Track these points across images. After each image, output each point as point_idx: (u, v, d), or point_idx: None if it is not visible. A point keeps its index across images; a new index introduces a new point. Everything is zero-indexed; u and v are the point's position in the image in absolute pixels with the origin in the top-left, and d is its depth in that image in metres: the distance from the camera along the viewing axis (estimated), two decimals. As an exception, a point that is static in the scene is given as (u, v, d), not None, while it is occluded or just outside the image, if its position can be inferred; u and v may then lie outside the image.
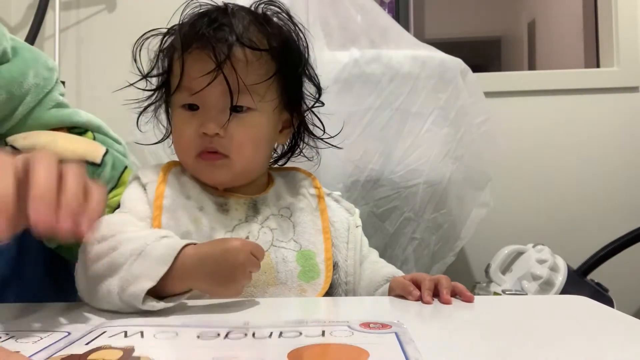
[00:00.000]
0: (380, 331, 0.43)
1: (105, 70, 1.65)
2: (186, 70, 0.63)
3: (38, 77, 0.75)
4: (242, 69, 0.62)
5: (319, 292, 0.65)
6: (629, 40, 1.72)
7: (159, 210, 0.64)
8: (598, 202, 1.70)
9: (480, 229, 1.35)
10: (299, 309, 0.59)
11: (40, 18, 1.65)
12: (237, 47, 0.62)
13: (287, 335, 0.42)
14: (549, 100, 1.73)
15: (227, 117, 0.63)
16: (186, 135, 0.65)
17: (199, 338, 0.42)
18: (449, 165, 1.24)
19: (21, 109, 0.74)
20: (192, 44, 0.63)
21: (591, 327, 0.50)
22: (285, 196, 0.71)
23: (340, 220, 0.72)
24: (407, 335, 0.41)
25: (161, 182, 0.67)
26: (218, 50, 0.61)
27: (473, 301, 0.58)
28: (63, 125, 0.79)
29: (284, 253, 0.66)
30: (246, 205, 0.68)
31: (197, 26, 0.63)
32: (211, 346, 0.40)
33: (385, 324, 0.45)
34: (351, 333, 0.42)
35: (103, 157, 0.74)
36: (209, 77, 0.61)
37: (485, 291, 1.35)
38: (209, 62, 0.61)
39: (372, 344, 0.39)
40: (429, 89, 1.22)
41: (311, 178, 0.75)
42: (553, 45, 3.27)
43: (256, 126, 0.66)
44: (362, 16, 1.28)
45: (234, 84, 0.62)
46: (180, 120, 0.66)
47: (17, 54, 0.74)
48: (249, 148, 0.65)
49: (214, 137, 0.63)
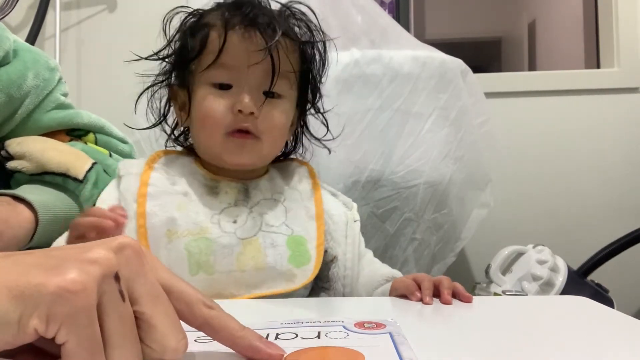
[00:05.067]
0: (375, 332, 0.43)
1: (106, 71, 1.65)
2: (228, 48, 0.64)
3: (38, 78, 0.74)
4: (283, 55, 0.65)
5: (308, 278, 0.65)
6: (629, 40, 1.72)
7: (142, 198, 0.64)
8: (598, 203, 1.70)
9: (481, 230, 1.35)
10: (294, 308, 0.58)
11: (41, 18, 1.65)
12: (280, 34, 0.64)
13: (284, 337, 0.42)
14: (549, 101, 1.73)
15: (262, 99, 0.64)
16: (218, 112, 0.65)
17: (196, 342, 0.41)
18: (450, 165, 1.24)
19: (21, 111, 0.73)
20: (237, 23, 0.64)
21: (591, 327, 0.50)
22: (279, 181, 0.71)
23: (338, 213, 0.72)
24: (400, 335, 0.41)
25: (146, 170, 0.67)
26: (268, 32, 0.63)
27: (471, 301, 0.58)
28: (63, 127, 0.78)
29: (274, 237, 0.65)
30: (237, 189, 0.68)
31: (242, 7, 0.65)
32: (207, 348, 0.40)
33: (379, 323, 0.45)
34: (346, 334, 0.42)
35: (86, 173, 0.73)
36: (255, 57, 0.62)
37: (485, 292, 1.35)
38: (256, 43, 0.63)
39: (367, 346, 0.39)
40: (430, 90, 1.22)
41: (307, 166, 0.75)
42: (553, 46, 3.27)
43: (285, 113, 0.68)
44: (362, 17, 1.28)
45: (275, 67, 0.64)
46: (210, 97, 0.65)
47: (16, 55, 0.73)
48: (278, 133, 0.68)
49: (249, 117, 0.64)
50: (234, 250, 0.63)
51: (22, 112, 0.73)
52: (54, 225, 0.64)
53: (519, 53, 3.73)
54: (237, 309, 0.54)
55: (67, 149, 0.74)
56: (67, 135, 0.79)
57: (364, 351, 0.38)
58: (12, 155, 0.70)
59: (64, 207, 0.68)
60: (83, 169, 0.72)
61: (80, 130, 0.80)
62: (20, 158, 0.70)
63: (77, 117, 0.79)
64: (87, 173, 0.73)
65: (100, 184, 0.74)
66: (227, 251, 0.63)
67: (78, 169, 0.72)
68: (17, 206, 0.61)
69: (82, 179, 0.72)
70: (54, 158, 0.71)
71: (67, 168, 0.71)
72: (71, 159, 0.72)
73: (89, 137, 0.81)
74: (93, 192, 0.73)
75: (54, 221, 0.64)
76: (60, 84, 0.79)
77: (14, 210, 0.60)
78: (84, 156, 0.74)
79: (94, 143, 0.81)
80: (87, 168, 0.73)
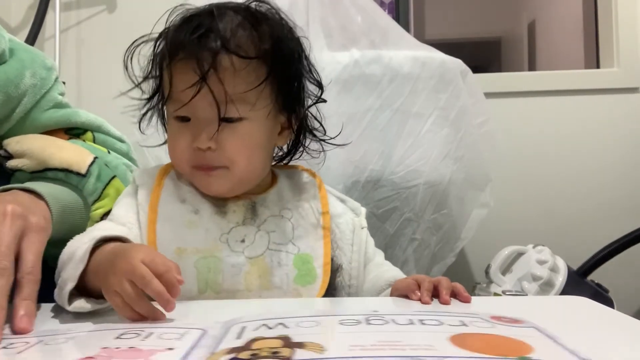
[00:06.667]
0: (520, 325, 0.44)
1: (106, 71, 1.65)
2: (173, 82, 0.61)
3: (35, 77, 0.74)
4: (229, 79, 0.59)
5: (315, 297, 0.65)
6: (629, 40, 1.72)
7: (153, 214, 0.63)
8: (598, 203, 1.70)
9: (481, 230, 1.35)
10: (300, 308, 0.59)
11: (41, 19, 1.65)
12: (224, 55, 0.59)
13: (430, 323, 0.43)
14: (549, 101, 1.73)
15: (216, 128, 0.60)
16: (180, 148, 0.63)
17: (342, 324, 0.43)
18: (449, 165, 1.24)
19: (19, 110, 0.73)
20: (178, 53, 0.60)
21: (591, 327, 0.50)
22: (288, 197, 0.70)
23: (346, 221, 0.71)
24: (545, 329, 0.43)
25: (157, 185, 0.66)
26: (201, 61, 0.58)
27: (470, 301, 0.58)
28: (61, 126, 0.78)
29: (281, 256, 0.65)
30: (244, 207, 0.66)
31: (182, 33, 0.60)
32: (369, 330, 0.42)
33: (515, 319, 0.46)
34: (492, 325, 0.43)
35: (89, 167, 0.72)
36: (195, 89, 0.59)
37: (485, 292, 1.35)
38: (193, 74, 0.58)
39: (521, 336, 0.41)
40: (429, 90, 1.22)
41: (316, 179, 0.73)
42: (553, 46, 3.27)
43: (248, 135, 0.63)
44: (362, 17, 1.28)
45: (220, 95, 0.59)
46: (173, 132, 0.64)
47: (13, 54, 0.73)
48: (243, 158, 0.63)
49: (207, 151, 0.62)
50: (242, 270, 0.63)
51: (20, 111, 0.73)
52: (62, 216, 0.64)
53: (518, 53, 3.73)
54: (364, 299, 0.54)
55: (67, 145, 0.74)
56: (66, 134, 0.79)
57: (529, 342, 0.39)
58: (11, 154, 0.70)
59: (69, 200, 0.68)
60: (85, 163, 0.72)
61: (78, 129, 0.80)
62: (20, 156, 0.70)
63: (75, 116, 0.79)
64: (90, 167, 0.72)
65: (103, 178, 0.74)
66: (236, 270, 0.63)
67: (80, 163, 0.72)
68: (32, 197, 0.61)
69: (85, 173, 0.72)
70: (55, 154, 0.71)
71: (69, 163, 0.71)
72: (72, 154, 0.72)
73: (87, 136, 0.81)
74: (97, 185, 0.73)
75: (62, 212, 0.64)
76: (57, 83, 0.79)
77: (33, 200, 0.60)
78: (84, 151, 0.75)
79: (92, 142, 0.81)
80: (89, 162, 0.73)
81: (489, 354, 0.36)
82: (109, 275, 0.49)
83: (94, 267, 0.52)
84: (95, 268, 0.52)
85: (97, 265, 0.52)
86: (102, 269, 0.51)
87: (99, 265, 0.52)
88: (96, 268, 0.52)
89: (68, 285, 0.51)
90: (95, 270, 0.52)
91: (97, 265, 0.52)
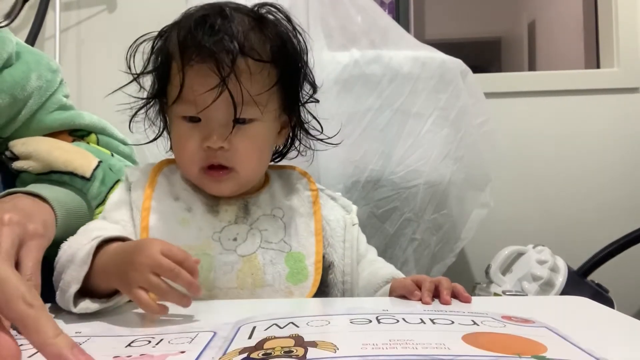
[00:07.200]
0: (531, 325, 0.44)
1: (106, 71, 1.65)
2: (188, 84, 0.61)
3: (41, 79, 0.75)
4: (246, 81, 0.60)
5: (307, 295, 0.65)
6: (629, 40, 1.72)
7: (146, 211, 0.64)
8: (598, 203, 1.70)
9: (481, 230, 1.35)
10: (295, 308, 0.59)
11: (41, 18, 1.65)
12: (240, 58, 0.60)
13: (441, 322, 0.42)
14: (549, 101, 1.73)
15: (230, 129, 0.61)
16: (189, 149, 0.63)
17: (352, 323, 0.43)
18: (449, 165, 1.24)
19: (24, 112, 0.74)
20: (193, 56, 0.60)
21: (591, 328, 0.50)
22: (280, 196, 0.70)
23: (337, 218, 0.72)
24: (557, 329, 0.43)
25: (150, 183, 0.66)
26: (222, 63, 0.59)
27: (470, 302, 0.58)
28: (66, 127, 0.79)
29: (272, 255, 0.65)
30: (236, 206, 0.67)
31: (197, 36, 0.60)
32: (380, 329, 0.42)
33: (526, 319, 0.46)
34: (503, 325, 0.43)
35: (94, 171, 0.73)
36: (214, 92, 0.59)
37: (485, 292, 1.35)
38: (212, 76, 0.59)
39: (534, 336, 0.41)
40: (429, 90, 1.22)
41: (307, 178, 0.74)
42: (553, 46, 3.27)
43: (259, 136, 0.64)
44: (362, 17, 1.28)
45: (238, 96, 0.60)
46: (182, 133, 0.64)
47: (19, 57, 0.74)
48: (254, 159, 0.65)
49: (218, 151, 0.62)
50: (234, 267, 0.63)
51: (26, 113, 0.74)
52: (66, 220, 0.64)
53: (518, 53, 3.73)
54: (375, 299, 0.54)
55: (72, 148, 0.75)
56: (70, 135, 0.80)
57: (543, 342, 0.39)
58: (17, 155, 0.71)
59: (74, 203, 0.69)
60: (90, 167, 0.73)
61: (82, 131, 0.81)
62: (26, 158, 0.70)
63: (79, 118, 0.79)
64: (94, 171, 0.73)
65: (108, 182, 0.74)
66: (228, 268, 0.63)
67: (85, 167, 0.72)
68: (36, 200, 0.61)
69: (90, 177, 0.72)
70: (60, 157, 0.71)
71: (74, 167, 0.71)
72: (77, 157, 0.73)
73: (91, 138, 0.81)
74: (101, 189, 0.73)
75: (67, 216, 0.65)
76: (62, 85, 0.79)
77: (37, 204, 0.60)
78: (89, 155, 0.75)
79: (96, 144, 0.82)
80: (94, 166, 0.73)
81: (502, 352, 0.36)
82: (129, 272, 0.50)
83: (101, 268, 0.53)
84: (102, 268, 0.53)
85: (104, 266, 0.53)
86: (112, 268, 0.52)
87: (106, 265, 0.52)
88: (103, 268, 0.53)
89: (72, 287, 0.52)
90: (102, 270, 0.53)
91: (104, 266, 0.53)
